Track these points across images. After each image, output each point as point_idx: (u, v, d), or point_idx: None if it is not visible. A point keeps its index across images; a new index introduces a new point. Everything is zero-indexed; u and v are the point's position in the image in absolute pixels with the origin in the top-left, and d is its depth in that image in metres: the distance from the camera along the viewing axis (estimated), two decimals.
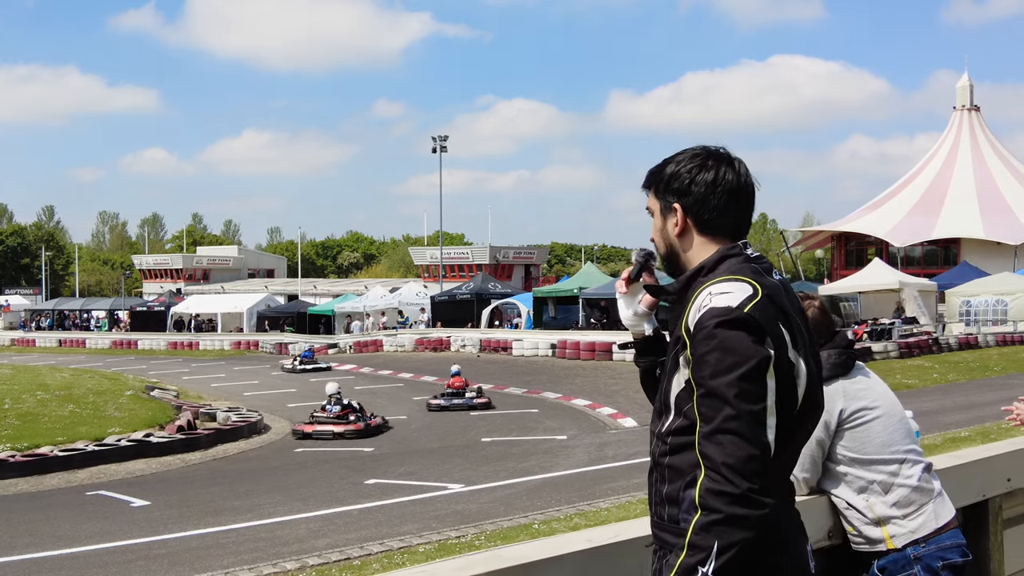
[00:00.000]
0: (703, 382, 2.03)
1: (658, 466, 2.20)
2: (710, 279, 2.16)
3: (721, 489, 1.97)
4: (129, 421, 20.93)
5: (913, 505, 3.08)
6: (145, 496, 13.85)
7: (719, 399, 2.00)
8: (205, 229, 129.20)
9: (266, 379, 33.13)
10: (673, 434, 2.15)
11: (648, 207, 2.37)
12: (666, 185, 2.30)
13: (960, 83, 66.95)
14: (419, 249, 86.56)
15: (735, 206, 2.26)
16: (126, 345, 53.93)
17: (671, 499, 2.15)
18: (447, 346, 38.30)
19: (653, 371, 2.44)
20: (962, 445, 10.82)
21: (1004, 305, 35.80)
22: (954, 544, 3.07)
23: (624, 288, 2.45)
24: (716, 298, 2.08)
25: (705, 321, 2.06)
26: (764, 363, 2.01)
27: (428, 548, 9.27)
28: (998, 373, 25.10)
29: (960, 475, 3.61)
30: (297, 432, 20.12)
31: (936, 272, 48.81)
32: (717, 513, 1.97)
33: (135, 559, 10.11)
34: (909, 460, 3.13)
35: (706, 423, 2.02)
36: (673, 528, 2.13)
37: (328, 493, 13.39)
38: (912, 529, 3.06)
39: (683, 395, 2.13)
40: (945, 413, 17.07)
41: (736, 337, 2.02)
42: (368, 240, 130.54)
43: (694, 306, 2.12)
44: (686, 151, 2.32)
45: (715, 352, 2.02)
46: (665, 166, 2.32)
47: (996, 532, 3.78)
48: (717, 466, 1.99)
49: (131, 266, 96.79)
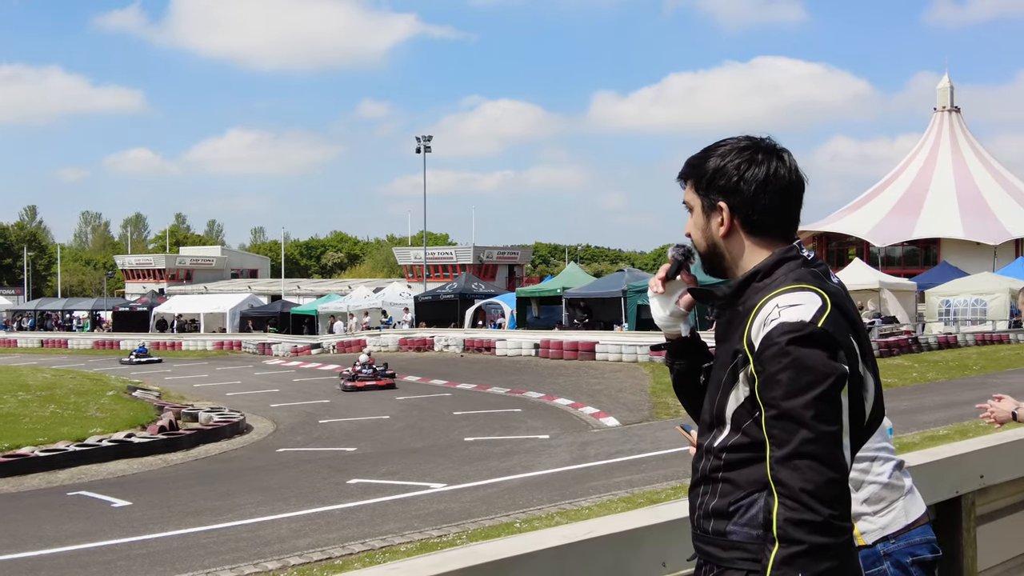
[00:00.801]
0: (775, 403, 1.89)
1: (708, 480, 2.08)
2: (770, 286, 2.02)
3: (802, 518, 1.84)
4: (111, 421, 20.84)
5: (883, 502, 3.11)
6: (126, 496, 13.81)
7: (794, 421, 1.87)
8: (188, 229, 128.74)
9: (249, 379, 33.03)
10: (729, 450, 2.04)
11: (686, 201, 2.19)
12: (710, 181, 2.12)
13: (940, 84, 67.41)
14: (403, 249, 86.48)
15: (786, 204, 2.10)
16: (108, 345, 53.68)
17: (719, 513, 2.05)
18: (430, 346, 38.27)
19: (688, 375, 2.33)
20: (940, 443, 10.90)
21: (983, 305, 36.07)
22: (924, 540, 3.10)
23: (660, 287, 2.26)
24: (786, 311, 1.92)
25: (775, 337, 1.91)
26: (841, 381, 1.88)
27: (409, 547, 9.28)
28: (977, 372, 25.29)
29: (933, 472, 3.65)
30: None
31: (916, 272, 49.14)
32: (799, 544, 1.84)
33: (116, 559, 10.08)
34: (880, 458, 3.16)
35: (780, 447, 1.88)
36: (721, 541, 2.05)
37: (310, 493, 13.38)
38: (882, 525, 3.08)
39: (741, 412, 2.01)
40: (924, 412, 17.19)
41: (811, 355, 1.88)
42: (352, 240, 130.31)
43: (758, 319, 1.96)
44: (730, 142, 2.14)
45: (788, 371, 1.88)
46: (708, 158, 2.13)
47: (969, 528, 3.81)
48: (796, 493, 1.86)
49: (113, 266, 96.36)
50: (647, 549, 2.66)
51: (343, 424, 21.29)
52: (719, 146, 2.14)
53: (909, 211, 60.10)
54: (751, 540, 2.00)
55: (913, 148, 67.94)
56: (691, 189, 2.16)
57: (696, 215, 2.16)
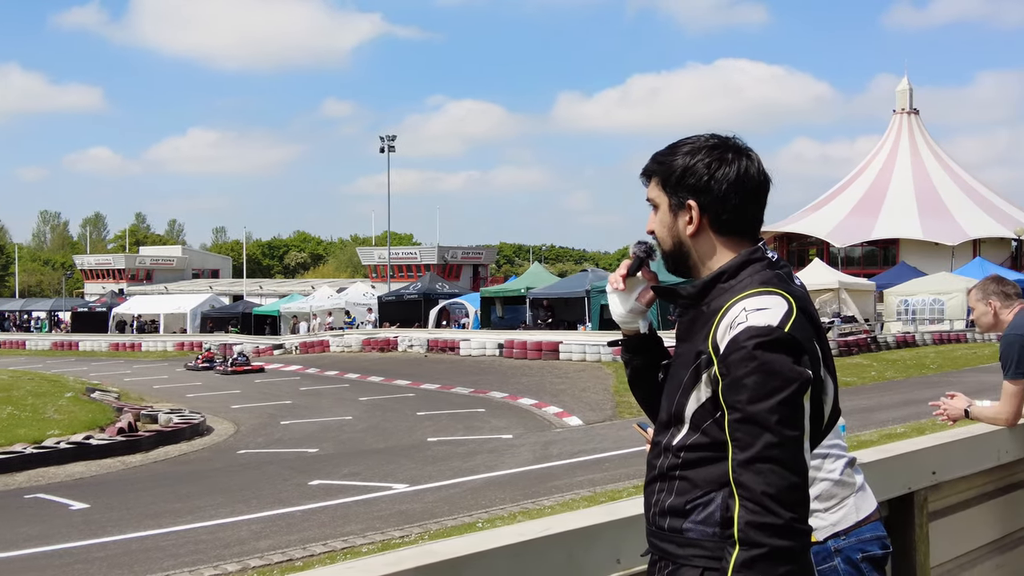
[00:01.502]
0: (740, 406, 1.90)
1: (665, 478, 2.08)
2: (735, 287, 2.02)
3: (763, 521, 1.85)
4: (69, 423, 20.56)
5: (834, 499, 3.14)
6: (85, 499, 13.64)
7: (758, 425, 1.87)
8: (148, 229, 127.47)
9: (209, 380, 32.72)
10: (688, 449, 2.04)
11: (650, 198, 2.16)
12: (679, 179, 2.10)
13: (900, 87, 68.27)
14: (367, 249, 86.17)
15: (754, 204, 2.10)
16: (67, 346, 53.02)
17: (676, 510, 2.05)
18: (394, 346, 38.15)
19: (644, 371, 2.33)
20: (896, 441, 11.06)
21: (941, 304, 36.59)
22: (874, 537, 3.14)
23: (621, 284, 2.24)
24: (753, 315, 1.93)
25: (742, 341, 1.91)
26: (805, 386, 1.89)
27: (371, 548, 9.25)
28: (934, 371, 25.64)
29: (886, 468, 3.69)
30: None
31: (875, 272, 49.79)
32: (760, 547, 1.85)
33: (74, 562, 9.96)
34: (832, 455, 3.19)
35: (743, 450, 1.89)
36: (677, 538, 2.05)
37: (271, 494, 13.29)
38: (833, 522, 3.12)
39: (702, 412, 2.01)
40: (882, 410, 17.41)
41: (777, 360, 1.88)
42: (315, 240, 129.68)
43: (724, 321, 1.96)
44: (698, 140, 2.13)
45: (754, 375, 1.88)
46: (676, 155, 2.11)
47: (922, 524, 3.86)
48: (758, 497, 1.86)
49: (72, 266, 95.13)
50: (602, 545, 2.67)
51: (305, 425, 21.17)
52: (686, 143, 2.13)
53: (868, 212, 60.84)
54: (707, 538, 2.00)
55: (873, 150, 68.78)
56: (657, 186, 2.14)
57: (662, 213, 2.14)
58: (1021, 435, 4.55)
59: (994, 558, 4.46)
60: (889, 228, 59.26)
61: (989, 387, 16.69)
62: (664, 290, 2.20)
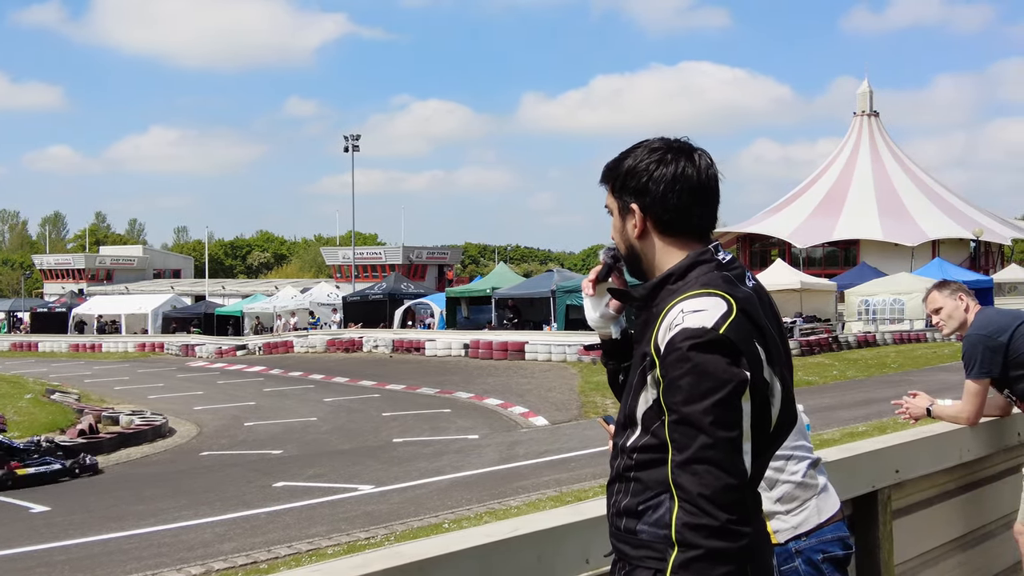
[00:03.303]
0: (675, 408, 1.91)
1: (621, 479, 2.10)
2: (682, 288, 2.02)
3: (699, 522, 1.86)
4: (29, 425, 20.26)
5: (796, 501, 3.16)
6: (45, 502, 13.45)
7: (693, 427, 1.88)
8: (109, 228, 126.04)
9: (172, 382, 32.41)
10: (640, 451, 2.05)
11: (607, 205, 2.19)
12: (623, 183, 2.13)
13: (860, 89, 69.04)
14: (331, 249, 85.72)
15: (698, 204, 2.09)
16: (26, 347, 52.28)
17: (630, 511, 2.07)
18: (359, 347, 37.98)
19: (619, 374, 2.33)
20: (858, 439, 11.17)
21: (901, 304, 37.04)
22: (835, 537, 3.16)
23: (591, 290, 2.27)
24: (689, 317, 1.92)
25: (677, 343, 1.91)
26: (741, 387, 1.89)
27: (337, 550, 9.20)
28: (895, 370, 25.93)
29: (850, 467, 3.73)
30: None
31: (836, 272, 50.31)
32: (696, 549, 1.86)
33: (34, 566, 9.81)
34: (796, 456, 3.20)
35: (680, 451, 1.90)
36: (631, 540, 2.06)
37: (235, 496, 13.18)
38: (794, 525, 3.13)
39: (650, 413, 2.02)
40: (844, 409, 17.59)
41: (711, 360, 1.89)
42: (279, 240, 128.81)
43: (664, 323, 1.97)
44: (644, 144, 2.14)
45: (688, 376, 1.89)
46: (622, 161, 2.14)
47: (886, 522, 3.90)
48: (693, 498, 1.87)
49: (31, 266, 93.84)
50: (570, 546, 2.68)
51: (269, 426, 21.03)
52: (634, 148, 2.15)
53: (830, 213, 61.47)
54: (658, 540, 2.00)
55: (833, 151, 69.49)
56: (609, 192, 2.18)
57: (615, 218, 2.18)
58: (982, 434, 4.61)
59: (956, 555, 4.52)
60: (850, 229, 59.92)
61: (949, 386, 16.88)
62: (619, 293, 2.23)
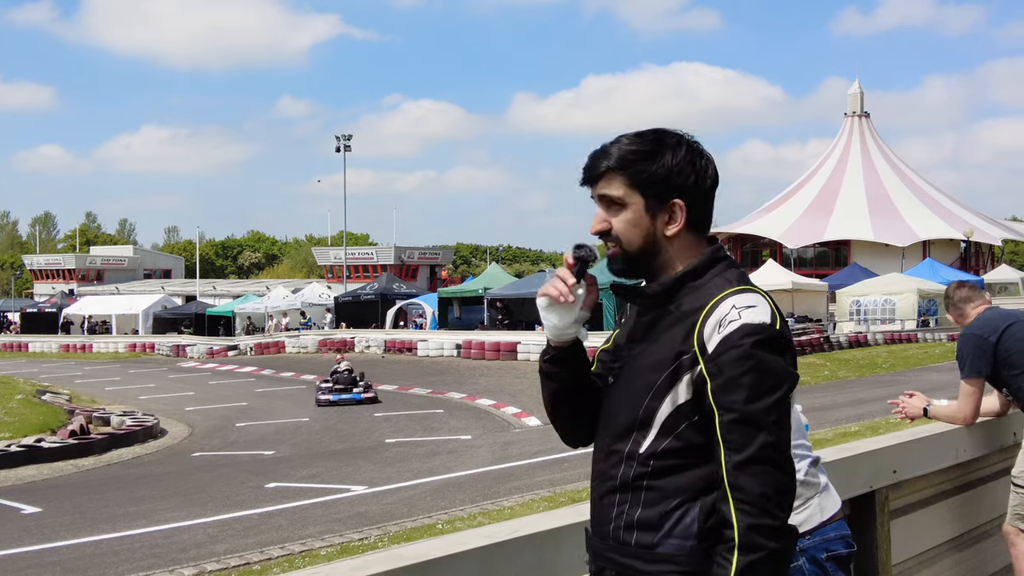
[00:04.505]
0: (735, 406, 1.86)
1: (628, 489, 2.00)
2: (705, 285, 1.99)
3: (763, 523, 1.83)
4: (19, 426, 20.22)
5: (799, 499, 3.15)
6: (37, 503, 13.39)
7: (755, 426, 1.85)
8: (99, 228, 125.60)
9: (163, 382, 32.33)
10: (658, 456, 1.97)
11: (615, 196, 2.03)
12: (664, 179, 2.00)
13: (851, 90, 69.29)
14: (323, 249, 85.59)
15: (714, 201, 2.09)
16: (16, 348, 52.10)
17: (646, 524, 1.98)
18: (351, 347, 37.92)
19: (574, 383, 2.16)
20: (851, 439, 11.17)
21: (892, 304, 37.16)
22: (838, 536, 3.16)
23: (571, 296, 2.03)
24: (745, 312, 1.89)
25: (737, 339, 1.87)
26: (794, 385, 1.91)
27: (330, 551, 9.17)
28: (886, 370, 26.00)
29: (848, 467, 3.73)
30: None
31: (827, 273, 50.47)
32: (761, 551, 1.83)
33: (26, 567, 9.76)
34: (796, 455, 3.18)
35: (738, 451, 1.85)
36: (644, 554, 1.98)
37: (227, 497, 13.14)
38: (798, 523, 3.12)
39: (676, 415, 1.95)
40: (836, 409, 17.61)
41: (773, 358, 1.88)
42: (270, 240, 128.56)
43: (712, 319, 1.91)
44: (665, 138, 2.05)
45: (751, 374, 1.86)
46: (652, 153, 2.02)
47: (883, 523, 3.90)
48: (755, 499, 1.84)
49: (21, 266, 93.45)
50: (570, 547, 2.66)
51: (261, 427, 20.98)
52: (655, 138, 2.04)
53: (821, 214, 61.66)
54: (683, 552, 1.94)
55: (825, 152, 69.67)
56: (627, 185, 2.02)
57: (635, 212, 2.03)
58: (978, 434, 4.62)
59: (952, 555, 4.53)
60: (841, 230, 60.12)
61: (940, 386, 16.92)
62: (628, 290, 2.10)
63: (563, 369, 2.13)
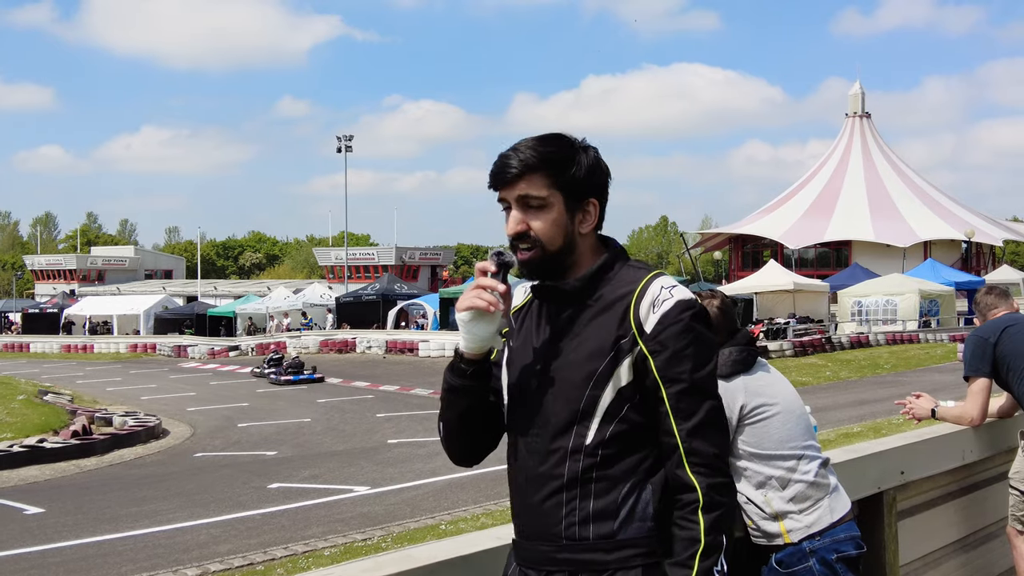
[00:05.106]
0: (683, 377, 1.96)
1: (577, 484, 2.01)
2: (619, 276, 2.06)
3: (719, 482, 1.97)
4: (21, 426, 20.20)
5: (809, 500, 3.16)
6: (39, 503, 13.39)
7: (702, 393, 1.98)
8: (100, 229, 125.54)
9: (164, 383, 32.32)
10: (605, 444, 1.99)
11: (537, 195, 2.04)
12: (585, 179, 2.06)
13: (852, 91, 69.25)
14: (323, 250, 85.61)
15: None
16: (17, 348, 52.03)
17: (602, 514, 2.00)
18: (353, 348, 37.94)
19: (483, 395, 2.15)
20: (854, 440, 11.18)
21: (893, 305, 37.14)
22: (848, 537, 3.17)
23: (501, 304, 2.04)
24: (675, 291, 2.00)
25: (676, 315, 1.98)
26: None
27: (334, 551, 9.18)
28: (888, 371, 26.00)
29: (856, 468, 3.73)
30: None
31: (828, 273, 50.46)
32: (721, 507, 1.96)
33: (28, 568, 9.78)
34: (807, 456, 3.21)
35: (688, 418, 1.96)
36: (604, 544, 1.99)
37: (230, 498, 13.14)
38: (808, 524, 3.14)
39: (619, 400, 2.00)
40: (838, 409, 17.61)
41: (707, 331, 2.02)
42: (271, 240, 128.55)
43: (645, 301, 1.99)
44: (573, 141, 2.08)
45: (694, 346, 1.98)
46: (568, 154, 2.06)
47: (891, 523, 3.91)
48: (710, 460, 1.96)
49: (23, 267, 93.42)
50: None
51: (263, 427, 20.97)
52: (561, 143, 2.07)
53: (821, 214, 61.64)
54: (644, 534, 1.99)
55: (825, 152, 69.66)
56: (548, 185, 2.04)
57: (556, 211, 2.04)
58: (984, 435, 4.62)
59: (959, 556, 4.53)
60: (842, 230, 60.08)
61: (942, 386, 16.88)
62: (548, 290, 2.11)
63: (479, 382, 2.13)
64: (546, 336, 2.10)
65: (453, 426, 2.21)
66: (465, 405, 2.16)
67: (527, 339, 2.13)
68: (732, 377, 3.18)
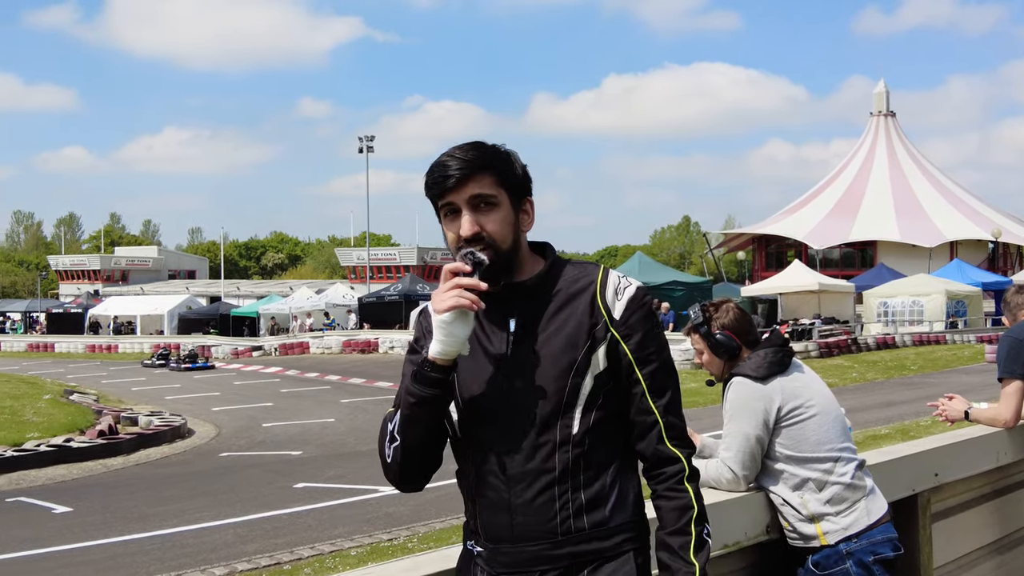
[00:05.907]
0: (653, 357, 2.09)
1: (570, 474, 2.02)
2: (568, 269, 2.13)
3: (691, 452, 2.12)
4: (48, 426, 20.37)
5: (846, 502, 3.15)
6: (67, 502, 13.49)
7: (669, 371, 2.11)
8: (123, 229, 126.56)
9: (188, 383, 32.52)
10: (590, 432, 2.03)
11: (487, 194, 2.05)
12: (524, 178, 2.13)
13: (876, 89, 68.80)
14: (345, 250, 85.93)
15: None
16: (42, 348, 52.53)
17: (596, 501, 2.04)
18: (375, 348, 38.04)
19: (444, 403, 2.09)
20: (882, 442, 11.11)
21: (920, 306, 36.84)
22: (885, 539, 3.15)
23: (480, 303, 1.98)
24: (630, 280, 2.13)
25: (641, 299, 2.10)
26: None
27: (360, 551, 9.21)
28: (915, 372, 25.79)
29: (890, 470, 3.71)
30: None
31: (853, 274, 50.06)
32: (699, 477, 2.12)
33: (57, 567, 9.85)
34: (843, 458, 3.19)
35: (662, 395, 2.08)
36: (600, 532, 2.03)
37: (256, 498, 13.19)
38: (844, 526, 3.13)
39: (597, 387, 2.04)
40: (865, 411, 17.48)
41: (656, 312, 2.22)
42: (293, 241, 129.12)
43: (608, 289, 2.08)
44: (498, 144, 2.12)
45: (656, 328, 2.12)
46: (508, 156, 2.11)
47: (925, 526, 3.88)
48: (682, 432, 2.10)
49: (47, 267, 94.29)
50: None
51: (287, 427, 21.06)
52: (495, 146, 2.11)
53: (846, 214, 61.25)
54: (629, 519, 2.08)
55: (850, 152, 69.22)
56: (496, 184, 2.06)
57: (504, 210, 2.07)
58: (1018, 437, 4.58)
59: (993, 559, 4.49)
60: (867, 230, 59.69)
61: (970, 388, 16.73)
62: (517, 286, 2.10)
63: (446, 392, 2.06)
64: (505, 336, 2.07)
65: (414, 445, 2.11)
66: (431, 419, 2.09)
67: (474, 345, 2.08)
68: (769, 379, 3.17)
